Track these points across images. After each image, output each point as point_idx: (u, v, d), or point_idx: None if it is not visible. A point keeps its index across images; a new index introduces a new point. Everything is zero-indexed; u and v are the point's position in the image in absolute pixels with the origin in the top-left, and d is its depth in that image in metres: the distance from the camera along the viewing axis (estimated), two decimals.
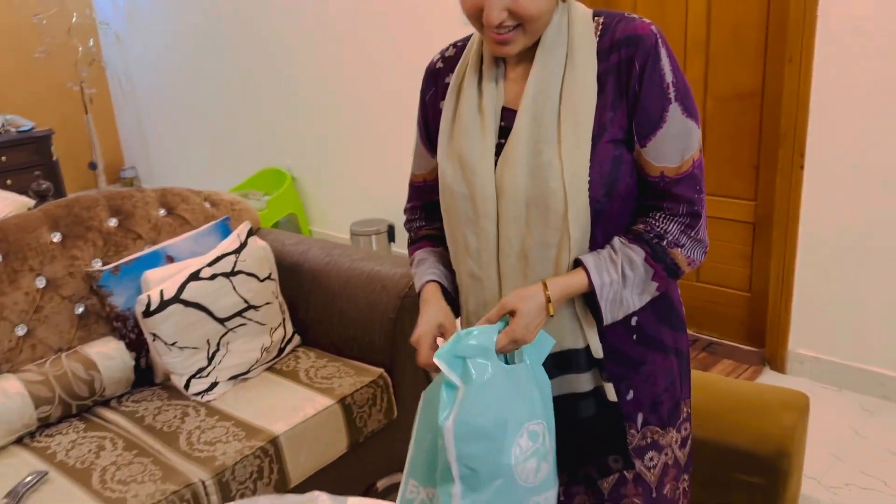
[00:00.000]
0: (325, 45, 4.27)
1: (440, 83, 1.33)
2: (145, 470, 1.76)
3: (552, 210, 1.16)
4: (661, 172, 1.17)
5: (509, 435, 1.14)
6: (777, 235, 2.85)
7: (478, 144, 1.22)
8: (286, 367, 2.19)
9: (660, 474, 1.33)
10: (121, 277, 2.14)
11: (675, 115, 1.15)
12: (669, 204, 1.20)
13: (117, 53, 5.82)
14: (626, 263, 1.18)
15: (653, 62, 1.14)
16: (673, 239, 1.19)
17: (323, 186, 4.68)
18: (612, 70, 1.16)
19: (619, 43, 1.16)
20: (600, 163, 1.15)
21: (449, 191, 1.26)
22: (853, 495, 2.25)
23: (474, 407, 1.13)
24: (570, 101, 1.15)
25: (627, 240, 1.20)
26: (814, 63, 2.59)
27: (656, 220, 1.20)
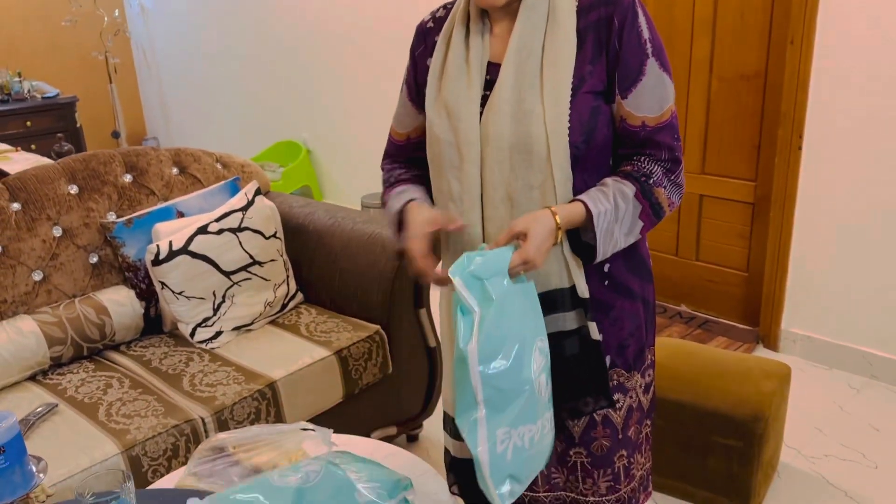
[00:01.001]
0: (343, 20, 4.35)
1: (429, 41, 1.41)
2: (149, 406, 1.87)
3: (535, 153, 1.24)
4: (642, 122, 1.26)
5: (527, 350, 1.21)
6: (774, 216, 2.90)
7: (463, 94, 1.30)
8: (288, 322, 2.29)
9: (625, 416, 1.41)
10: (133, 230, 2.24)
11: (652, 68, 1.25)
12: (652, 150, 1.28)
13: (142, 24, 5.93)
14: (618, 195, 1.25)
15: (631, 20, 1.23)
16: (657, 179, 1.27)
17: (337, 159, 4.78)
18: (591, 26, 1.25)
19: (598, 2, 1.25)
20: (579, 111, 1.24)
21: (435, 139, 1.34)
22: (831, 465, 2.32)
23: (496, 326, 1.17)
24: (552, 54, 1.24)
25: (619, 177, 1.28)
26: (814, 45, 2.64)
27: (641, 163, 1.29)
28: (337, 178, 4.82)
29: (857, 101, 2.59)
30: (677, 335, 3.17)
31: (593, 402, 1.36)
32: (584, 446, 1.42)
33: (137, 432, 1.76)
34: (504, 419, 1.20)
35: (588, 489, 1.44)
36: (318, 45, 4.57)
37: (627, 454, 1.43)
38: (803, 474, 2.28)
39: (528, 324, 1.23)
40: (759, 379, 2.12)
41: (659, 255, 3.43)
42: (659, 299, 3.47)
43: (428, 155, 1.38)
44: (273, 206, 2.38)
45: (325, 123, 4.74)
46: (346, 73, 4.45)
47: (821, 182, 2.75)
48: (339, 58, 4.46)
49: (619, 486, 1.43)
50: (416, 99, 1.45)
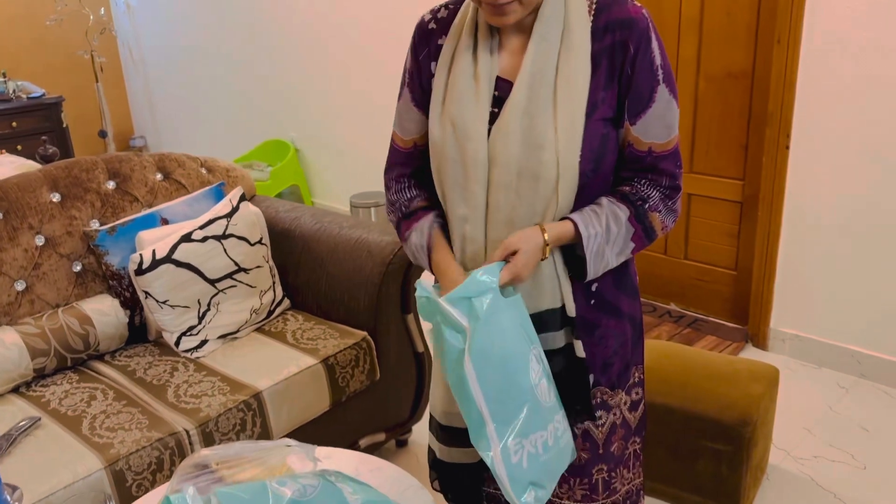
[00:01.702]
0: (332, 18, 4.32)
1: (433, 43, 1.34)
2: (133, 419, 1.85)
3: (543, 180, 1.22)
4: (649, 148, 1.25)
5: (522, 361, 1.22)
6: (762, 215, 2.90)
7: (472, 110, 1.25)
8: (274, 329, 2.28)
9: (608, 432, 1.41)
10: (116, 237, 2.22)
11: (662, 95, 1.23)
12: (654, 176, 1.28)
13: (128, 22, 5.88)
14: (611, 218, 1.25)
15: (645, 45, 1.21)
16: (653, 204, 1.27)
17: (325, 159, 4.75)
18: (605, 51, 1.22)
19: (613, 25, 1.22)
20: (590, 139, 1.22)
21: (439, 154, 1.30)
22: (820, 467, 2.32)
23: (487, 339, 1.18)
24: (566, 77, 1.21)
25: (615, 198, 1.27)
26: (801, 44, 2.63)
27: (640, 186, 1.28)
28: (326, 177, 4.79)
29: (845, 100, 2.58)
30: (666, 334, 3.17)
31: (575, 415, 1.36)
32: None
33: (121, 446, 1.74)
34: (513, 430, 1.21)
35: (563, 493, 1.44)
36: (307, 43, 4.53)
37: (608, 469, 1.42)
38: (792, 476, 2.28)
39: (520, 335, 1.23)
40: (747, 382, 2.12)
41: (648, 253, 3.42)
42: (648, 298, 3.47)
43: (431, 166, 1.35)
44: (258, 212, 2.36)
45: (314, 122, 4.71)
46: (335, 71, 4.43)
47: (808, 181, 2.74)
48: (328, 56, 4.43)
49: (595, 496, 1.43)
50: (422, 103, 1.39)
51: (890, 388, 2.71)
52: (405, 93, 1.41)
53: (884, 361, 2.72)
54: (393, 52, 4.02)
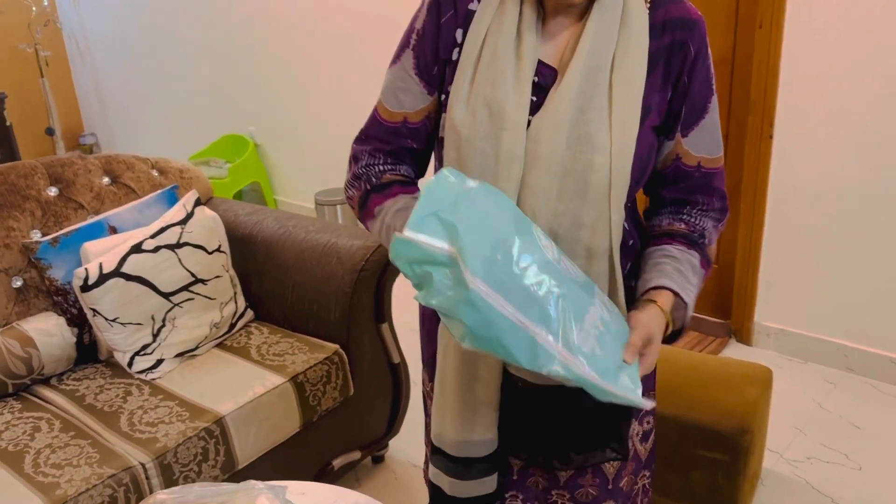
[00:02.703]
0: (291, 10, 4.12)
1: (461, 7, 1.11)
2: (82, 452, 1.67)
3: (592, 187, 1.05)
4: (698, 163, 1.15)
5: (530, 241, 0.97)
6: (745, 206, 2.80)
7: (511, 93, 1.05)
8: (237, 344, 2.11)
9: (619, 466, 1.28)
10: (60, 249, 2.03)
11: (713, 106, 1.14)
12: (705, 198, 1.18)
13: (73, 13, 5.59)
14: (692, 271, 1.15)
15: (704, 52, 1.11)
16: (710, 237, 1.19)
17: (288, 154, 4.55)
18: (664, 51, 1.08)
19: (673, 23, 1.08)
20: (640, 146, 1.08)
21: (465, 144, 1.07)
22: (815, 469, 2.23)
23: (480, 244, 0.92)
24: (623, 72, 1.05)
25: (684, 245, 1.17)
26: (784, 29, 2.52)
27: (694, 218, 1.18)
28: (288, 173, 4.60)
29: (829, 88, 2.49)
30: None
31: (603, 453, 1.22)
32: (569, 490, 1.28)
33: (69, 486, 1.57)
34: (564, 322, 0.96)
35: None
36: (265, 33, 4.32)
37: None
38: (788, 481, 2.19)
39: (512, 221, 0.97)
40: (742, 386, 2.01)
41: None
42: None
43: (445, 158, 1.13)
44: (216, 217, 2.18)
45: (274, 116, 4.51)
46: (296, 60, 4.23)
47: (792, 171, 2.65)
48: (288, 46, 4.23)
49: None
50: (426, 74, 1.14)
51: (877, 382, 2.64)
52: (406, 56, 1.15)
53: (870, 354, 2.65)
54: (358, 37, 3.84)
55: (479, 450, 1.23)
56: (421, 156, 1.24)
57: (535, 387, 1.17)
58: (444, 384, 1.22)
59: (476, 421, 1.21)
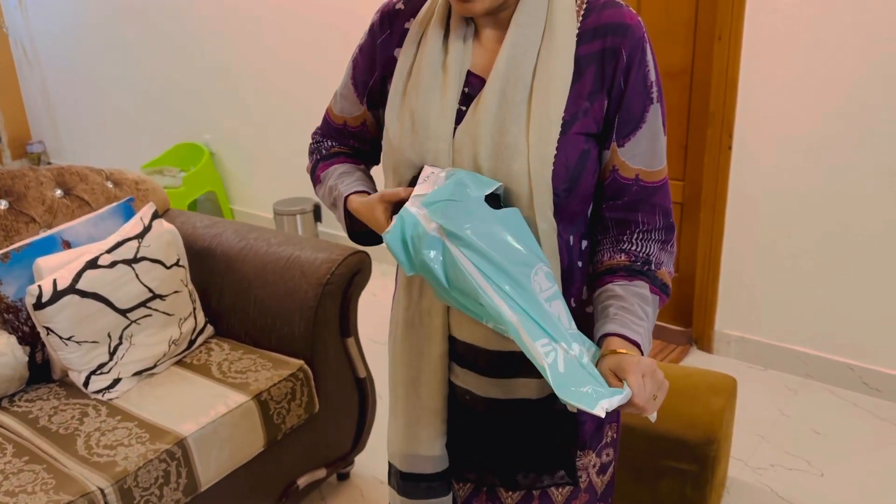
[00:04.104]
0: (246, 11, 4.05)
1: (397, 27, 1.16)
2: (37, 479, 1.60)
3: (515, 195, 1.05)
4: (636, 175, 1.10)
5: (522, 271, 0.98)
6: (704, 216, 2.83)
7: (436, 105, 1.08)
8: (197, 361, 2.05)
9: (568, 495, 1.24)
10: (11, 265, 1.95)
11: (654, 116, 1.08)
12: (645, 216, 1.11)
13: (20, 18, 5.43)
14: (641, 303, 1.08)
15: (640, 57, 1.05)
16: (657, 260, 1.12)
17: (244, 163, 4.47)
18: (595, 57, 1.05)
19: (605, 28, 1.05)
20: (567, 153, 1.05)
21: (394, 151, 1.11)
22: (778, 476, 2.26)
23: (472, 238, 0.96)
24: (544, 79, 1.04)
25: (625, 279, 1.10)
26: (743, 42, 2.56)
27: (635, 245, 1.12)
28: (245, 182, 4.52)
29: (788, 99, 2.53)
30: None
31: (550, 477, 1.20)
32: None
33: None
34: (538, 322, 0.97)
35: None
36: (220, 39, 4.25)
37: None
38: (752, 489, 2.21)
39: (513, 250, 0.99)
40: (707, 396, 2.03)
41: None
42: None
43: (383, 165, 1.17)
44: (174, 230, 2.12)
45: (230, 124, 4.43)
46: (252, 66, 4.16)
47: (751, 182, 2.69)
48: (242, 52, 4.16)
49: None
50: (360, 87, 1.22)
51: (836, 388, 2.69)
52: (349, 67, 1.24)
53: (829, 361, 2.69)
54: (315, 44, 3.79)
55: (426, 465, 1.23)
56: (367, 154, 1.31)
57: (481, 402, 1.18)
58: (395, 385, 1.25)
59: (421, 431, 1.22)
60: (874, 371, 2.62)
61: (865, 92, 2.39)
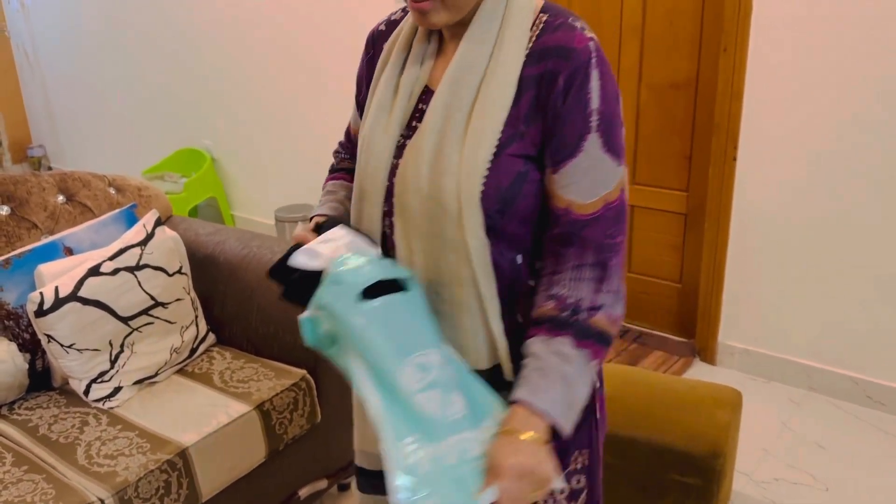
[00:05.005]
0: (248, 18, 4.05)
1: (378, 47, 1.20)
2: (36, 489, 1.58)
3: (447, 210, 1.03)
4: (567, 206, 1.03)
5: (388, 373, 1.00)
6: (709, 227, 2.82)
7: (382, 123, 1.11)
8: (198, 370, 2.03)
9: None
10: (12, 271, 1.93)
11: (592, 146, 1.01)
12: (576, 250, 1.04)
13: (22, 21, 5.43)
14: (559, 364, 1.02)
15: (580, 82, 1.00)
16: (589, 304, 1.03)
17: (246, 168, 4.46)
18: (535, 78, 1.02)
19: (550, 51, 1.01)
20: (499, 175, 1.02)
21: (360, 168, 1.14)
22: (783, 490, 2.25)
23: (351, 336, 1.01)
24: (485, 97, 1.02)
25: (547, 333, 1.04)
26: (748, 54, 2.56)
27: (565, 287, 1.04)
28: (247, 188, 4.51)
29: (793, 111, 2.53)
30: (613, 350, 3.07)
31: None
32: None
33: None
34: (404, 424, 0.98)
35: None
36: (221, 44, 4.24)
37: None
38: (757, 503, 2.19)
39: (390, 345, 1.00)
40: (712, 409, 2.01)
41: None
42: None
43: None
44: (177, 237, 2.11)
45: (232, 129, 4.42)
46: (254, 72, 4.15)
47: (755, 193, 2.68)
48: (245, 56, 4.15)
49: None
50: (358, 104, 1.27)
51: (839, 402, 2.67)
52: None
53: (833, 374, 2.68)
54: (319, 53, 3.79)
55: (377, 463, 1.23)
56: None
57: None
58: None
59: (368, 429, 1.24)
60: (878, 384, 2.60)
61: (870, 105, 2.39)
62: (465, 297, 1.07)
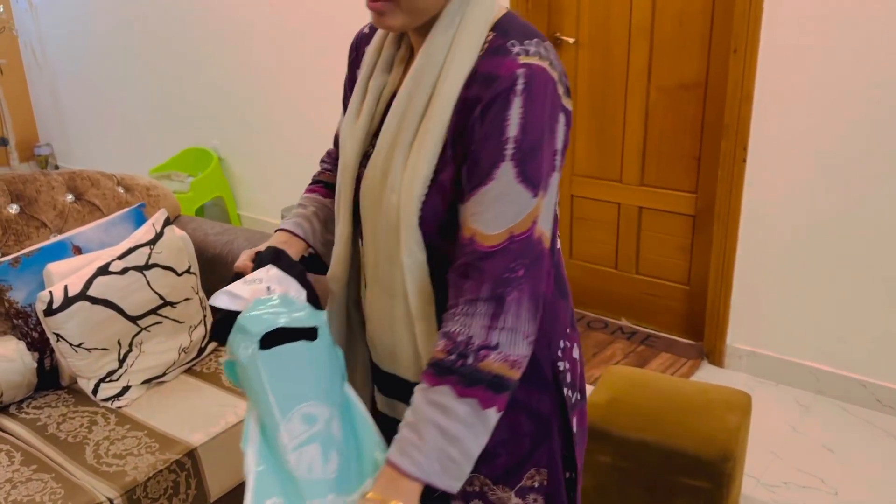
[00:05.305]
0: (256, 18, 4.05)
1: (361, 51, 1.19)
2: (45, 488, 1.58)
3: (390, 225, 1.03)
4: (472, 235, 0.97)
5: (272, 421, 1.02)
6: (717, 229, 2.81)
7: (348, 131, 1.12)
8: (207, 370, 2.03)
9: None
10: (21, 270, 1.94)
11: (505, 175, 0.95)
12: (473, 283, 0.97)
13: (30, 21, 5.44)
14: (436, 418, 0.95)
15: (498, 108, 0.95)
16: (480, 343, 0.96)
17: (252, 168, 4.46)
18: (464, 102, 0.99)
19: (478, 77, 0.98)
20: (434, 199, 1.00)
21: (338, 174, 1.15)
22: (791, 494, 2.23)
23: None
24: (429, 116, 1.00)
25: (429, 381, 0.97)
26: (759, 55, 2.55)
27: (457, 324, 0.97)
28: (254, 188, 4.51)
29: (803, 113, 2.51)
30: (621, 352, 3.06)
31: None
32: None
33: None
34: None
35: None
36: (229, 43, 4.24)
37: None
38: None
39: (285, 387, 1.01)
40: (722, 412, 2.00)
41: (597, 268, 3.31)
42: (599, 313, 3.36)
43: None
44: (185, 237, 2.10)
45: (239, 129, 4.42)
46: (262, 72, 4.15)
47: (765, 195, 2.67)
48: (253, 57, 4.16)
49: None
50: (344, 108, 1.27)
51: (848, 405, 2.66)
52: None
53: (841, 377, 2.67)
54: (325, 54, 3.79)
55: None
56: None
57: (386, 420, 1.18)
58: None
59: None
60: (887, 388, 2.59)
61: (881, 107, 2.37)
62: (400, 312, 1.07)
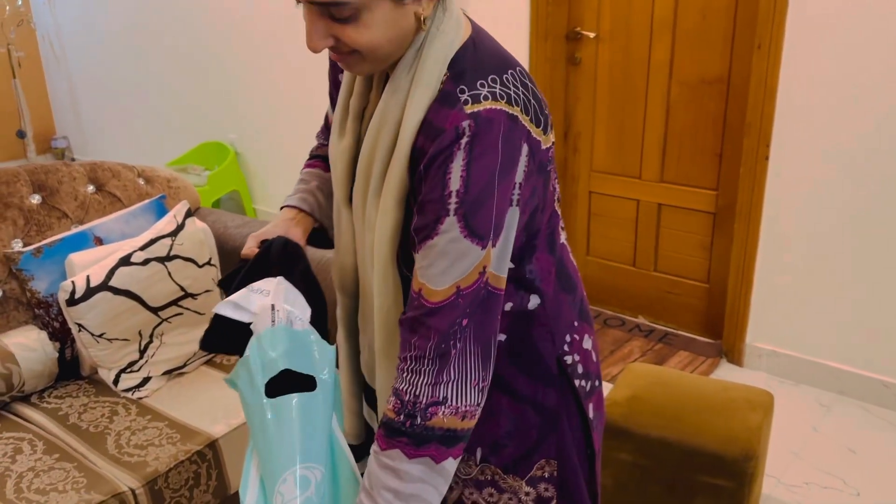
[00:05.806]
0: (276, 13, 4.05)
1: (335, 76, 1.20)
2: (67, 477, 1.59)
3: (367, 266, 1.05)
4: (419, 290, 0.96)
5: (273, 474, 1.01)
6: (739, 227, 2.79)
7: (334, 148, 1.10)
8: (227, 361, 2.03)
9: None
10: (43, 260, 1.94)
11: (450, 229, 0.93)
12: (419, 339, 0.95)
13: (48, 13, 5.46)
14: (389, 480, 0.95)
15: (442, 161, 0.92)
16: (427, 401, 0.95)
17: (268, 162, 4.47)
18: (414, 150, 0.97)
19: (425, 125, 0.95)
20: (409, 242, 1.00)
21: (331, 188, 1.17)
22: (813, 494, 2.21)
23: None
24: (395, 158, 0.98)
25: (381, 443, 0.97)
26: (783, 51, 2.52)
27: (405, 381, 0.97)
28: (269, 182, 4.51)
29: (827, 110, 2.48)
30: (638, 350, 3.04)
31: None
32: None
33: None
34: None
35: None
36: (247, 38, 4.24)
37: None
38: None
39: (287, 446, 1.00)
40: (744, 411, 1.98)
41: (615, 265, 3.29)
42: (616, 311, 3.34)
43: None
44: (206, 229, 2.10)
45: (255, 123, 4.42)
46: (279, 66, 4.15)
47: (787, 193, 2.64)
48: (270, 52, 4.16)
49: None
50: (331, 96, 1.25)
51: (870, 406, 2.63)
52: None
53: (863, 378, 2.64)
54: None
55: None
56: None
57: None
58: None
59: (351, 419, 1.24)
60: None
61: None
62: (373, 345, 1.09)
